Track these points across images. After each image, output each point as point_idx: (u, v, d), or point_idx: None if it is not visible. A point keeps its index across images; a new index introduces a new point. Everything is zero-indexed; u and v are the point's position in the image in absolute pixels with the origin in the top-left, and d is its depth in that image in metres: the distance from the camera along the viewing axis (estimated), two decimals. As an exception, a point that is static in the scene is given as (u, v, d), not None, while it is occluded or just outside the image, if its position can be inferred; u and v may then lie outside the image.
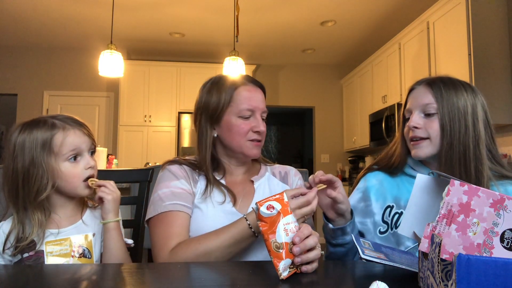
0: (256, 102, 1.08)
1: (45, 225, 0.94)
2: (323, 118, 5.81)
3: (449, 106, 0.99)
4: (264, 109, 1.11)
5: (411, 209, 0.74)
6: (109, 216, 0.96)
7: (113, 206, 0.96)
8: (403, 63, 3.89)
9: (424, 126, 1.01)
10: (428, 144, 1.01)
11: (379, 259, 0.71)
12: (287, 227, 0.74)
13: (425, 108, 1.02)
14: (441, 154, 1.00)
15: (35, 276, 0.76)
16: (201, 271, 0.81)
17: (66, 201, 0.99)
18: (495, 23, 2.86)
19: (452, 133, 0.98)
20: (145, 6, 3.95)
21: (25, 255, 0.92)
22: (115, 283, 0.69)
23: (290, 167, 1.24)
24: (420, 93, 1.04)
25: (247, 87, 1.09)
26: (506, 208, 0.56)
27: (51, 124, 0.94)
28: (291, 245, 0.73)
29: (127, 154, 4.94)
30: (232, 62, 3.44)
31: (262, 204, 0.75)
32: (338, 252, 1.01)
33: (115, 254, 0.94)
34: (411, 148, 1.05)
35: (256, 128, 1.07)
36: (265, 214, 0.74)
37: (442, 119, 0.99)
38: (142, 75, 5.07)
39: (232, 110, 1.07)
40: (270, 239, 0.73)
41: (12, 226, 0.94)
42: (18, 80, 5.14)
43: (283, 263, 0.71)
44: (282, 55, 5.43)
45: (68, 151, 0.94)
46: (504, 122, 2.81)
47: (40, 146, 0.91)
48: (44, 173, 0.91)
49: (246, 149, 1.08)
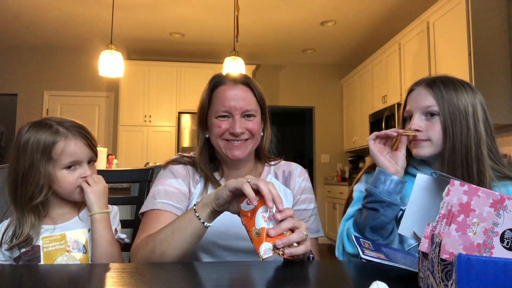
0: (232, 102, 1.04)
1: (38, 225, 0.96)
2: (323, 118, 5.81)
3: (450, 108, 0.98)
4: (245, 108, 1.05)
5: (411, 209, 0.74)
6: (93, 208, 0.96)
7: (95, 198, 0.96)
8: (403, 63, 3.89)
9: (426, 128, 1.01)
10: (429, 145, 1.01)
11: (379, 259, 0.71)
12: (265, 214, 0.77)
13: (426, 110, 1.01)
14: (444, 156, 0.99)
15: (31, 276, 0.76)
16: (201, 271, 0.81)
17: (63, 201, 1.01)
18: (495, 23, 2.86)
19: (454, 136, 0.97)
20: (145, 6, 3.95)
21: (22, 250, 0.95)
22: (115, 283, 0.69)
23: (296, 166, 1.20)
24: (420, 94, 1.03)
25: (225, 87, 1.07)
26: (506, 208, 0.56)
27: (55, 131, 0.95)
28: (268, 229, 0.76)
29: (127, 154, 4.94)
30: (232, 62, 3.44)
31: (242, 201, 0.79)
32: (388, 215, 0.95)
33: (100, 246, 0.94)
34: (412, 147, 1.04)
35: (231, 130, 1.04)
36: (246, 208, 0.78)
37: (444, 121, 0.98)
38: (142, 75, 5.07)
39: (211, 111, 1.08)
40: (251, 228, 0.77)
41: (10, 221, 0.97)
42: (18, 80, 5.15)
43: (263, 246, 0.74)
44: (282, 55, 5.43)
45: (66, 160, 0.95)
46: (504, 122, 2.81)
47: (41, 151, 0.93)
48: (41, 177, 0.94)
49: (226, 151, 1.06)
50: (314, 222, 1.14)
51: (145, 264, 0.87)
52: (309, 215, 1.13)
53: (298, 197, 1.14)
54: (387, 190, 0.96)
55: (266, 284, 0.70)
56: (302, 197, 1.14)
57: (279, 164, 1.20)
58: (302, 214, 1.12)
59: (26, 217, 0.95)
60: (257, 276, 0.75)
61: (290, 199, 1.13)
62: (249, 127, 1.06)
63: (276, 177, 1.16)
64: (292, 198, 1.14)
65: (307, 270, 0.76)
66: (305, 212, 1.13)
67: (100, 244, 0.94)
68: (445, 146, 0.99)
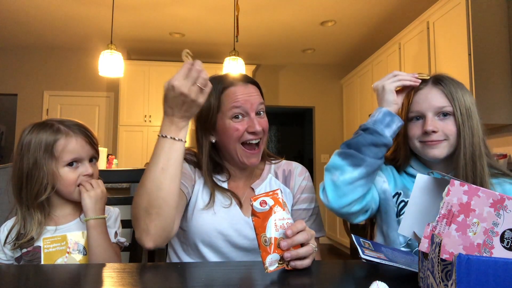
0: (245, 98, 1.03)
1: (44, 223, 0.97)
2: (323, 118, 5.81)
3: (461, 106, 0.99)
4: (258, 102, 1.06)
5: (411, 209, 0.74)
6: (88, 214, 0.96)
7: (91, 204, 0.96)
8: (403, 63, 3.89)
9: (442, 128, 1.00)
10: (447, 144, 1.00)
11: (379, 259, 0.71)
12: (278, 223, 0.75)
13: (440, 111, 1.00)
14: (455, 155, 1.00)
15: (32, 276, 0.76)
16: (201, 271, 0.81)
17: (65, 202, 1.01)
18: (495, 23, 2.86)
19: (465, 134, 0.98)
20: (145, 6, 3.95)
21: (23, 250, 0.96)
22: (115, 283, 0.69)
23: (296, 165, 1.19)
24: (431, 94, 1.02)
25: (236, 88, 1.06)
26: (506, 208, 0.56)
27: (56, 129, 0.97)
28: (280, 240, 0.74)
29: (127, 154, 4.93)
30: (232, 62, 3.44)
31: (256, 199, 0.77)
32: (367, 139, 0.98)
33: (95, 253, 0.94)
34: (425, 148, 1.01)
35: (251, 129, 1.03)
36: (258, 209, 0.76)
37: (457, 120, 0.99)
38: (142, 75, 5.07)
39: (223, 113, 1.04)
40: (260, 233, 0.75)
41: (15, 222, 0.98)
42: (18, 80, 5.14)
43: (270, 257, 0.73)
44: (282, 55, 5.42)
45: (67, 157, 0.96)
46: (504, 122, 2.81)
47: (43, 149, 0.95)
48: (45, 175, 0.95)
49: (243, 158, 1.05)
50: (315, 222, 1.13)
51: (145, 264, 0.87)
52: (310, 215, 1.13)
53: (299, 196, 1.13)
54: (373, 120, 1.00)
55: (266, 284, 0.70)
56: (303, 197, 1.14)
57: (280, 163, 1.19)
58: (303, 214, 1.12)
59: (33, 214, 0.96)
60: (258, 276, 0.75)
61: (290, 198, 1.13)
62: (263, 124, 1.06)
63: (276, 177, 1.16)
64: (292, 198, 1.13)
65: (308, 270, 0.76)
66: (305, 211, 1.13)
67: (95, 250, 0.94)
68: (458, 145, 0.99)
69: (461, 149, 0.98)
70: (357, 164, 0.96)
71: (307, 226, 0.79)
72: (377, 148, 0.97)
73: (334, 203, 0.96)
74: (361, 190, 0.97)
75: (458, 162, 0.98)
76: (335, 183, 0.97)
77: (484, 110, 2.75)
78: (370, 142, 0.97)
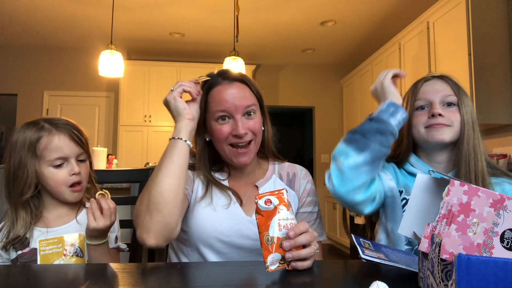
0: (230, 102, 1.01)
1: (33, 223, 0.96)
2: (323, 118, 5.80)
3: (464, 102, 1.04)
4: (245, 104, 1.02)
5: (411, 209, 0.74)
6: (91, 239, 0.92)
7: (96, 233, 0.92)
8: (403, 63, 3.88)
9: (447, 115, 1.03)
10: (450, 130, 1.02)
11: (379, 259, 0.71)
12: (281, 222, 0.75)
13: (446, 100, 1.04)
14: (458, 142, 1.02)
15: (30, 277, 0.76)
16: (202, 271, 0.81)
17: (59, 203, 1.00)
18: (495, 23, 2.86)
19: (467, 130, 1.01)
20: (145, 6, 3.95)
21: (19, 252, 0.94)
22: (115, 283, 0.69)
23: (301, 168, 1.18)
24: (438, 85, 1.06)
25: (220, 87, 1.03)
26: (506, 208, 0.56)
27: (41, 128, 0.95)
28: (282, 240, 0.74)
29: (127, 154, 4.93)
30: (232, 62, 3.44)
31: (261, 197, 0.77)
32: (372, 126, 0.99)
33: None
34: (431, 132, 1.03)
35: (234, 132, 1.00)
36: (262, 208, 0.76)
37: (461, 111, 1.02)
38: (142, 75, 5.06)
39: (209, 115, 1.04)
40: (263, 232, 0.75)
41: (5, 222, 0.97)
42: (18, 80, 5.14)
43: (272, 257, 0.73)
44: (282, 55, 5.42)
45: (51, 155, 0.94)
46: (504, 122, 2.81)
47: (27, 147, 0.94)
48: (28, 174, 0.94)
49: (231, 158, 1.05)
50: (319, 226, 1.13)
51: (145, 264, 0.87)
52: (315, 218, 1.13)
53: (304, 200, 1.13)
54: (378, 111, 1.02)
55: (266, 284, 0.70)
56: (308, 200, 1.13)
57: (283, 164, 1.19)
58: (308, 217, 1.12)
59: (19, 213, 0.95)
60: (258, 277, 0.75)
61: (296, 201, 1.12)
62: (251, 126, 1.03)
63: (280, 178, 1.15)
64: (297, 200, 1.13)
65: (308, 270, 0.76)
66: (310, 215, 1.12)
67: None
68: (461, 138, 1.02)
69: (464, 137, 1.01)
70: (361, 148, 0.97)
71: (310, 228, 0.79)
72: (383, 136, 0.98)
73: (338, 189, 0.97)
74: (365, 177, 0.97)
75: (461, 149, 1.01)
76: (340, 169, 0.98)
77: (484, 110, 2.75)
78: (376, 128, 0.99)
